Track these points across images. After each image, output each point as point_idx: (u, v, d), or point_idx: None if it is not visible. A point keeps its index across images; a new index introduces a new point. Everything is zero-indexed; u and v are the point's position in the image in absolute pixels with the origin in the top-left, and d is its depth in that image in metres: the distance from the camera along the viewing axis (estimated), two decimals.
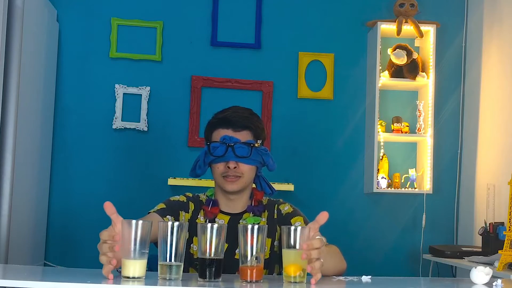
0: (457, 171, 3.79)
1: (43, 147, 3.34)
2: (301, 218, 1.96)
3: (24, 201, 2.97)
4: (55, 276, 1.60)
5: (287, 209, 2.01)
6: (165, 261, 1.45)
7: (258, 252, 1.47)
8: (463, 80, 3.83)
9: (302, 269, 1.47)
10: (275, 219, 1.99)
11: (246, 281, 1.47)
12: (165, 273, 1.45)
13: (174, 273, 1.45)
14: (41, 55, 3.22)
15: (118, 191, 3.54)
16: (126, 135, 3.59)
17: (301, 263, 1.47)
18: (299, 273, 1.47)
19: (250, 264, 1.47)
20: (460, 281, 2.03)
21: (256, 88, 3.67)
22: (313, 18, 3.78)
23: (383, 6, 3.81)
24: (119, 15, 3.63)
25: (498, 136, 3.41)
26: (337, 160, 3.73)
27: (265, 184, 2.06)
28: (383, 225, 3.72)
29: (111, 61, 3.61)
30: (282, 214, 1.99)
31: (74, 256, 3.47)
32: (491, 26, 3.57)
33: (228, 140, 1.93)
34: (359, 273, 1.74)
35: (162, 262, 1.46)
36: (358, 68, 3.79)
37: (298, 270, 1.47)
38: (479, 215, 3.49)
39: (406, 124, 3.69)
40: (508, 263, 2.54)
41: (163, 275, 1.45)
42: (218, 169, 1.95)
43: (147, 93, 3.59)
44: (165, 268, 1.45)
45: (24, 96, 2.80)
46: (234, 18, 3.72)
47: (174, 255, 1.45)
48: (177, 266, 1.46)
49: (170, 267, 1.45)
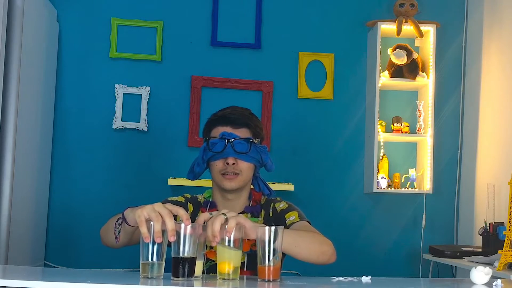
0: (457, 171, 3.79)
1: (43, 147, 3.34)
2: (295, 213, 1.96)
3: (24, 201, 2.97)
4: (55, 276, 1.60)
5: (282, 206, 2.00)
6: (147, 260, 1.47)
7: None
8: (463, 80, 3.83)
9: (234, 266, 1.50)
10: (271, 217, 1.99)
11: (264, 280, 1.49)
12: (146, 272, 1.47)
13: (155, 272, 1.47)
14: (41, 55, 3.22)
15: (118, 191, 3.54)
16: (126, 135, 3.59)
17: (234, 260, 1.49)
18: (232, 270, 1.49)
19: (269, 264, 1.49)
20: (460, 281, 2.03)
21: (256, 88, 3.67)
22: (313, 18, 3.78)
23: (383, 6, 3.81)
24: (119, 15, 3.63)
25: (498, 136, 3.41)
26: (337, 160, 3.73)
27: (263, 185, 2.06)
28: (383, 225, 3.72)
29: (111, 61, 3.61)
30: (277, 211, 1.99)
31: (74, 256, 3.47)
32: (491, 26, 3.57)
33: (227, 136, 1.93)
34: (359, 273, 1.74)
35: (144, 261, 1.48)
36: (358, 68, 3.79)
37: (230, 267, 1.49)
38: (479, 215, 3.49)
39: (406, 124, 3.69)
40: (508, 263, 2.54)
41: (144, 274, 1.47)
42: (217, 166, 1.95)
43: (147, 93, 3.59)
44: (146, 266, 1.47)
45: (24, 96, 2.80)
46: (234, 18, 3.72)
47: (157, 254, 1.47)
48: (158, 264, 1.47)
49: (152, 265, 1.47)
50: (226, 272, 1.50)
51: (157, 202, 1.53)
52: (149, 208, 1.50)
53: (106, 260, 3.25)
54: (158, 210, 1.49)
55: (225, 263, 1.50)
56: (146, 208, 1.50)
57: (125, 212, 1.62)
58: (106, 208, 3.48)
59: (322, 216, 3.60)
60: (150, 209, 1.49)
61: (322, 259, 1.75)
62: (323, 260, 1.75)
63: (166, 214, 1.48)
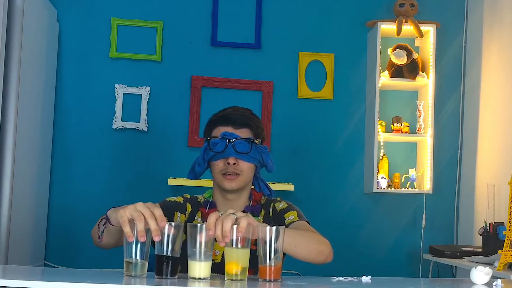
0: (457, 171, 3.79)
1: (43, 147, 3.34)
2: (294, 213, 1.96)
3: (24, 201, 2.97)
4: (55, 276, 1.60)
5: (282, 206, 2.00)
6: (130, 258, 1.48)
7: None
8: (463, 80, 3.83)
9: (242, 267, 1.47)
10: (270, 217, 1.99)
11: (265, 280, 1.48)
12: (130, 270, 1.48)
13: (139, 270, 1.48)
14: (41, 55, 3.22)
15: (118, 191, 3.54)
16: (126, 135, 3.59)
17: (242, 261, 1.47)
18: (240, 271, 1.47)
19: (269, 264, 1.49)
20: (460, 281, 2.03)
21: (256, 88, 3.67)
22: (313, 18, 3.78)
23: (383, 6, 3.80)
24: (119, 15, 3.63)
25: (498, 136, 3.41)
26: (337, 160, 3.73)
27: (264, 186, 2.06)
28: (383, 225, 3.72)
29: (111, 61, 3.61)
30: (277, 211, 1.99)
31: (74, 256, 3.47)
32: (491, 26, 3.57)
33: (228, 136, 1.93)
34: (359, 273, 1.74)
35: (127, 258, 1.48)
36: (358, 68, 3.79)
37: (238, 268, 1.47)
38: (479, 215, 3.49)
39: (406, 124, 3.69)
40: (508, 263, 2.54)
41: (128, 272, 1.48)
42: (218, 166, 1.95)
43: (147, 93, 3.59)
44: (130, 265, 1.48)
45: (24, 96, 2.80)
46: (234, 18, 3.72)
47: (140, 253, 1.48)
48: (142, 263, 1.48)
49: (135, 264, 1.48)
50: (234, 272, 1.47)
51: (139, 202, 1.53)
52: (131, 208, 1.50)
53: (106, 260, 3.24)
54: (140, 209, 1.49)
55: (232, 264, 1.48)
56: (128, 208, 1.50)
57: (108, 212, 1.64)
58: (106, 208, 3.41)
59: (322, 216, 3.60)
60: (132, 209, 1.50)
61: (319, 258, 1.75)
62: (321, 259, 1.75)
63: (148, 214, 1.48)
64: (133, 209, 1.50)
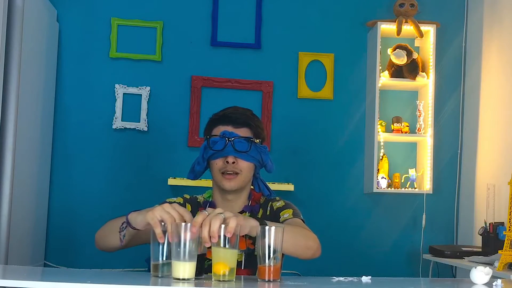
0: (457, 171, 3.79)
1: (43, 147, 3.34)
2: (290, 211, 1.96)
3: (24, 201, 2.97)
4: (55, 276, 1.60)
5: (279, 204, 2.01)
6: (158, 260, 1.50)
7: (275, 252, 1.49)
8: (463, 80, 3.83)
9: (230, 268, 1.46)
10: (268, 216, 2.00)
11: (265, 280, 1.48)
12: (157, 271, 1.50)
13: (166, 271, 1.50)
14: (41, 55, 3.22)
15: (118, 191, 3.54)
16: (126, 135, 3.59)
17: (230, 261, 1.46)
18: (228, 271, 1.46)
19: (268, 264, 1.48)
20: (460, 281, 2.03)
21: (256, 88, 3.67)
22: (313, 18, 3.78)
23: (383, 6, 3.80)
24: (119, 15, 3.63)
25: (498, 136, 3.41)
26: (337, 160, 3.73)
27: (263, 186, 2.06)
28: (383, 225, 3.72)
29: (111, 61, 3.61)
30: (273, 210, 2.00)
31: (74, 256, 3.47)
32: (491, 26, 3.57)
33: (228, 134, 1.94)
34: (359, 273, 1.74)
35: (154, 261, 1.50)
36: (358, 68, 3.79)
37: (226, 268, 1.46)
38: (479, 215, 3.49)
39: (406, 124, 3.69)
40: (508, 263, 2.54)
41: (155, 273, 1.50)
42: (217, 165, 1.95)
43: (147, 93, 3.59)
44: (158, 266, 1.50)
45: (24, 96, 2.80)
46: (234, 18, 3.72)
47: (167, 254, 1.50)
48: (169, 264, 1.49)
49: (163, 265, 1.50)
50: (222, 273, 1.45)
51: (165, 203, 1.57)
52: (160, 209, 1.52)
53: (106, 260, 3.25)
54: (169, 211, 1.52)
55: (220, 264, 1.46)
56: (157, 210, 1.53)
57: (129, 216, 1.64)
58: (106, 208, 3.49)
59: (322, 216, 3.60)
60: (161, 211, 1.52)
61: (307, 254, 1.75)
62: (308, 255, 1.76)
63: (177, 216, 1.52)
64: (162, 211, 1.52)
